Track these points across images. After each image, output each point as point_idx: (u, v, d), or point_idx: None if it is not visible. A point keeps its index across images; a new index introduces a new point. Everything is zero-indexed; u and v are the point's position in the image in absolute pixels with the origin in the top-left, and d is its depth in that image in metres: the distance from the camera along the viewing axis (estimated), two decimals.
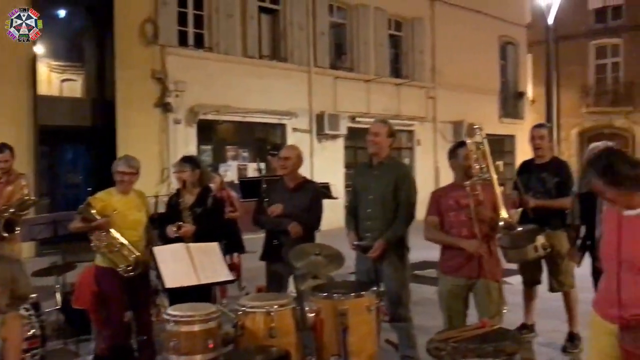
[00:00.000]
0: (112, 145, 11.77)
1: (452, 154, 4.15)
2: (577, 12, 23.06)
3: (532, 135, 5.28)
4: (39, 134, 11.14)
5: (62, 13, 13.54)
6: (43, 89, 12.00)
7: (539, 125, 5.44)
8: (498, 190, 4.47)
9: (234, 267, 7.09)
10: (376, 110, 16.65)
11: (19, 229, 5.53)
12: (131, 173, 4.53)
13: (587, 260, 4.48)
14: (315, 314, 3.67)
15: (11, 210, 5.33)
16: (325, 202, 7.87)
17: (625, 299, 2.68)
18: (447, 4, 18.72)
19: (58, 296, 5.52)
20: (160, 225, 4.63)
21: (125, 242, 4.34)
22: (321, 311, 3.68)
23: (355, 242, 4.52)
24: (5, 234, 5.32)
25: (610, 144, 4.17)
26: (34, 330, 4.36)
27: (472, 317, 4.11)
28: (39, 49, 11.95)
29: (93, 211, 4.34)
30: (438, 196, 4.13)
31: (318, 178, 14.56)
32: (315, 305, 3.71)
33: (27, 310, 4.38)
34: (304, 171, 5.15)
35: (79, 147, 13.55)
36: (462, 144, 4.12)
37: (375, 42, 17.05)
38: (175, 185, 5.22)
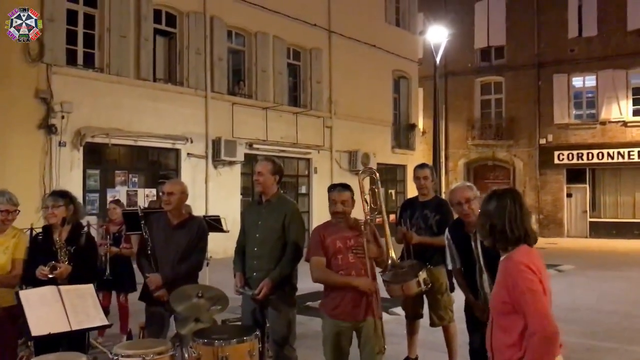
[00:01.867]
0: None
1: (329, 198, 4.22)
2: (464, 51, 24.63)
3: (416, 175, 5.49)
4: None
5: None
6: None
7: (422, 166, 5.66)
8: (387, 229, 4.60)
9: (120, 308, 6.73)
10: (274, 137, 16.74)
11: None
12: (14, 211, 4.19)
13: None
14: None
15: None
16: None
17: (494, 343, 2.78)
18: (343, 37, 19.28)
19: None
20: (27, 266, 4.28)
21: None
22: (201, 358, 3.56)
23: (240, 290, 4.45)
24: None
25: (468, 184, 4.38)
26: None
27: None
28: None
29: None
30: (322, 236, 4.15)
31: (213, 203, 14.39)
32: (195, 352, 3.58)
33: None
34: (199, 197, 4.98)
35: None
36: (332, 187, 4.16)
37: (274, 70, 17.18)
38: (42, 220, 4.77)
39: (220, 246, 10.19)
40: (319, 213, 17.78)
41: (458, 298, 4.80)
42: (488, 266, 4.08)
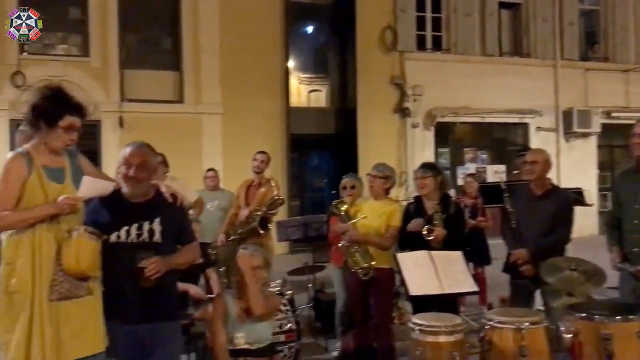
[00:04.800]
0: (354, 151, 12.35)
1: None
2: None
3: None
4: (290, 142, 12.19)
5: (309, 29, 14.69)
6: (293, 100, 13.09)
7: None
8: None
9: (478, 280, 6.85)
10: (637, 103, 14.75)
11: (271, 226, 6.00)
12: (375, 176, 4.63)
13: None
14: (572, 335, 3.33)
15: (263, 209, 5.75)
16: (577, 209, 7.20)
17: None
18: None
19: (309, 294, 5.96)
20: (400, 233, 4.64)
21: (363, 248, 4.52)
22: (579, 333, 3.32)
23: (619, 265, 4.01)
24: (261, 231, 5.76)
25: None
26: (290, 325, 4.70)
27: None
28: (290, 62, 13.07)
29: (343, 208, 4.59)
30: None
31: (566, 181, 13.44)
32: (572, 326, 3.36)
33: (284, 305, 4.77)
34: (550, 172, 4.67)
35: (324, 154, 14.38)
36: None
37: (635, 26, 15.09)
38: (413, 191, 5.18)
39: (578, 225, 9.46)
40: None
41: None
42: None
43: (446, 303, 4.04)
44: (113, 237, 3.03)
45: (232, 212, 6.14)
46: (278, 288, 4.86)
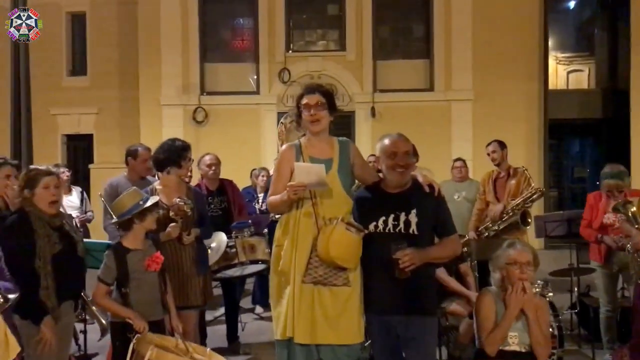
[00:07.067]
0: (625, 138, 10.93)
1: None
2: None
3: None
4: (547, 128, 11.26)
5: (571, 5, 13.47)
6: (550, 82, 12.06)
7: None
8: None
9: None
10: None
11: (531, 220, 5.61)
12: None
13: None
14: None
15: (520, 202, 5.44)
16: None
17: None
18: None
19: (572, 298, 5.40)
20: None
21: None
22: None
23: None
24: (523, 226, 5.46)
25: None
26: (550, 330, 4.27)
27: None
28: (549, 42, 12.04)
29: (632, 209, 4.03)
30: None
31: None
32: None
33: None
34: None
35: (587, 140, 13.26)
36: None
37: None
38: None
39: None
40: None
41: None
42: None
43: None
44: (371, 227, 3.05)
45: (477, 206, 5.88)
46: (538, 289, 4.44)
